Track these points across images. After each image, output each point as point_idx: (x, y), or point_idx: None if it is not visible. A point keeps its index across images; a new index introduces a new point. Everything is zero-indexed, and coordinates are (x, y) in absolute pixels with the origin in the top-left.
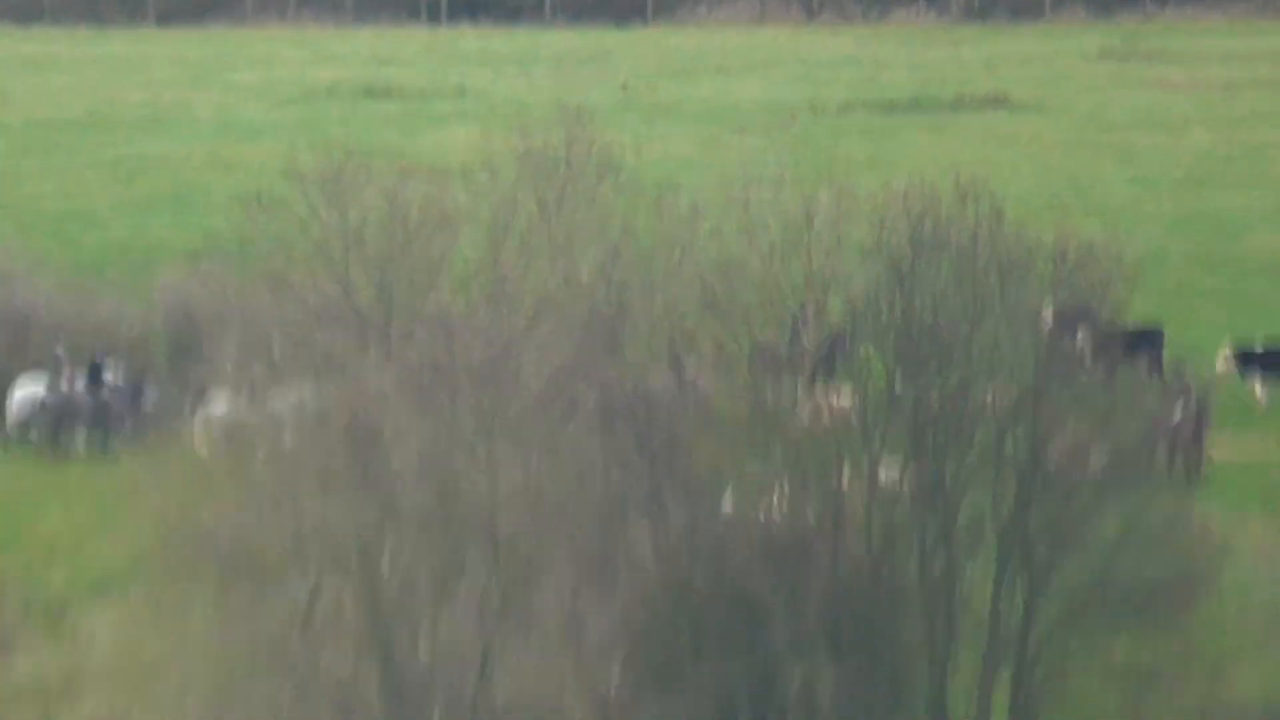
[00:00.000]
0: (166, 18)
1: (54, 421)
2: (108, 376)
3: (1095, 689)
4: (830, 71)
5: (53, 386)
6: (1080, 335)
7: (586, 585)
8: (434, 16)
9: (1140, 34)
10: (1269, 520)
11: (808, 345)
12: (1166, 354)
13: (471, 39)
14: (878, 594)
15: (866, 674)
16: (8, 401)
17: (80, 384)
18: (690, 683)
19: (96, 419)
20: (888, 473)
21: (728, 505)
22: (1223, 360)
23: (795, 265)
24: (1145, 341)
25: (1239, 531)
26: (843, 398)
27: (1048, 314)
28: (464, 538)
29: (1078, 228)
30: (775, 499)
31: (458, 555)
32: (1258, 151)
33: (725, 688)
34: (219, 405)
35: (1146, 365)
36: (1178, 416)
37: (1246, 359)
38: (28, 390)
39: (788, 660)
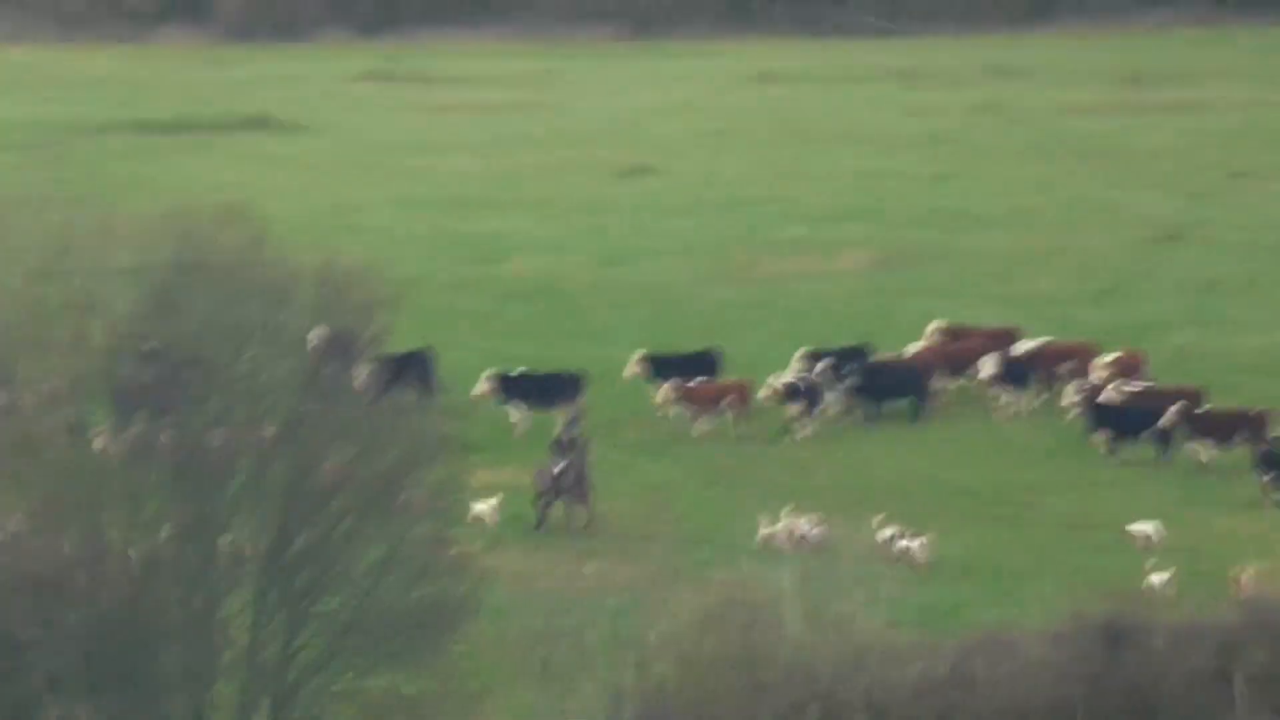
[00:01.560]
0: None
1: None
2: None
3: None
4: (90, 91)
5: None
6: (349, 360)
7: None
8: None
9: (402, 56)
10: (524, 545)
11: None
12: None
13: None
14: (138, 627)
15: (125, 708)
16: None
17: None
18: None
19: None
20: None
21: None
22: (484, 385)
23: (56, 288)
24: (413, 365)
25: (497, 558)
26: None
27: (316, 339)
28: None
29: (342, 251)
30: (33, 532)
31: None
32: (517, 175)
33: None
34: None
35: (416, 389)
36: (559, 466)
37: (505, 385)
38: None
39: (45, 695)
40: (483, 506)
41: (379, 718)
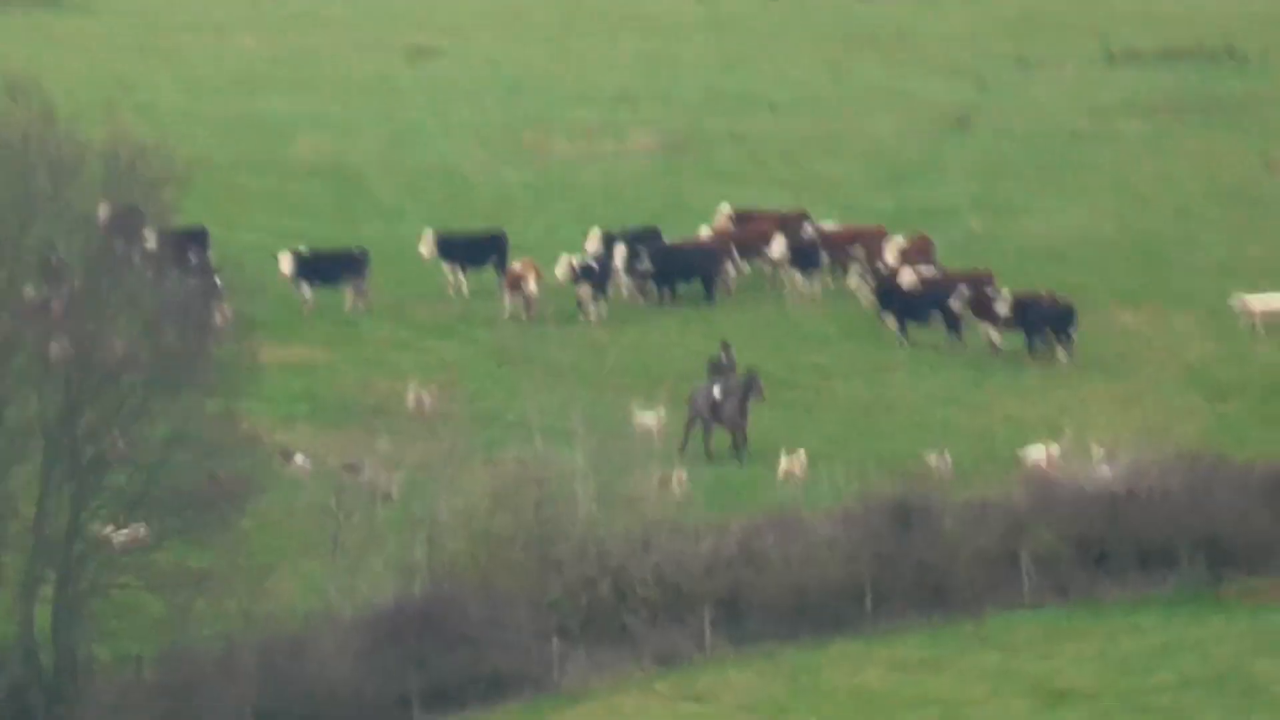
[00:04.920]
0: None
1: None
2: None
3: (143, 594)
4: None
5: None
6: (135, 237)
7: None
8: None
9: None
10: (316, 421)
11: None
12: (218, 255)
13: None
14: None
15: None
16: None
17: None
18: None
19: None
20: None
21: None
22: (284, 263)
23: None
24: (193, 242)
25: (288, 434)
26: None
27: (104, 214)
28: None
29: (128, 129)
30: None
31: None
32: (304, 55)
33: None
34: None
35: (195, 266)
36: (719, 394)
37: (298, 263)
38: None
39: None
40: (648, 416)
41: (166, 590)
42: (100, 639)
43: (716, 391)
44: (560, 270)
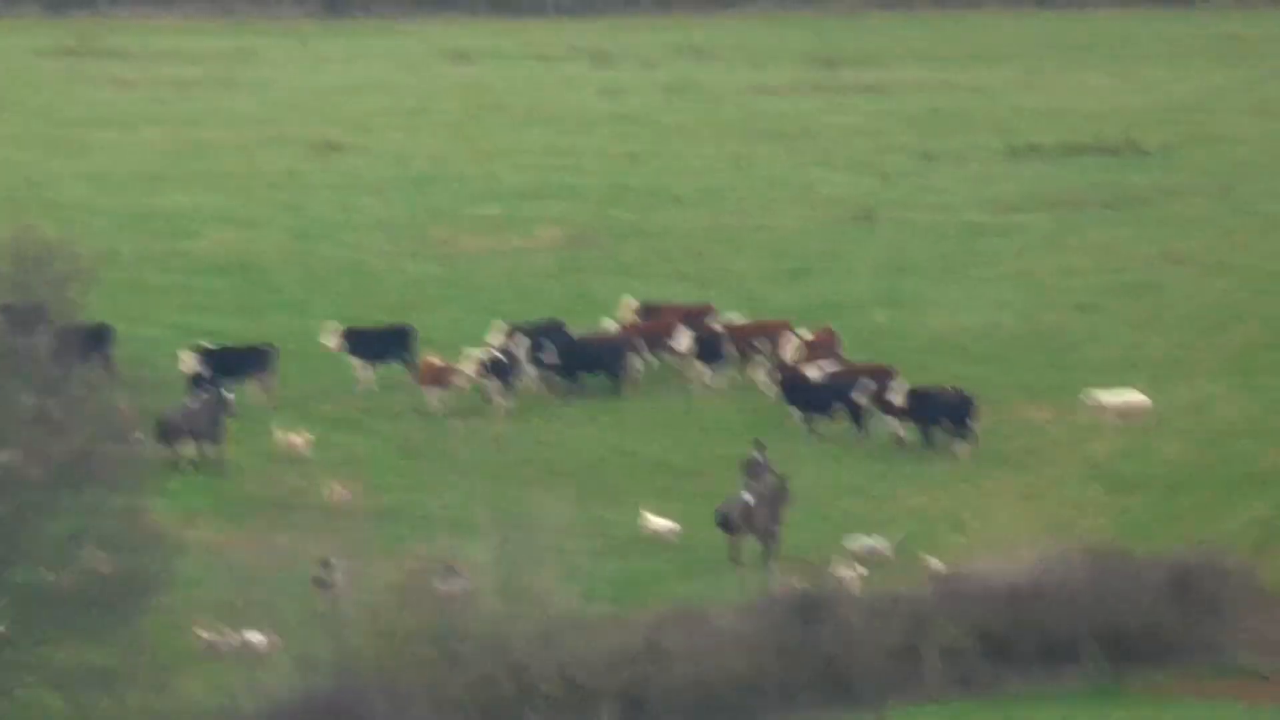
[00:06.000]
0: None
1: None
2: None
3: (43, 694)
4: None
5: None
6: (36, 333)
7: None
8: None
9: (93, 32)
10: (219, 516)
11: None
12: (121, 351)
13: None
14: None
15: None
16: None
17: None
18: None
19: None
20: None
21: None
22: (186, 361)
23: None
24: (97, 339)
25: (190, 529)
26: None
27: (6, 312)
28: None
29: (33, 225)
30: None
31: None
32: (210, 150)
33: None
34: None
35: (101, 362)
36: (752, 499)
37: (209, 359)
38: None
39: None
40: (662, 523)
41: (69, 688)
42: None
43: (750, 498)
44: (469, 366)
